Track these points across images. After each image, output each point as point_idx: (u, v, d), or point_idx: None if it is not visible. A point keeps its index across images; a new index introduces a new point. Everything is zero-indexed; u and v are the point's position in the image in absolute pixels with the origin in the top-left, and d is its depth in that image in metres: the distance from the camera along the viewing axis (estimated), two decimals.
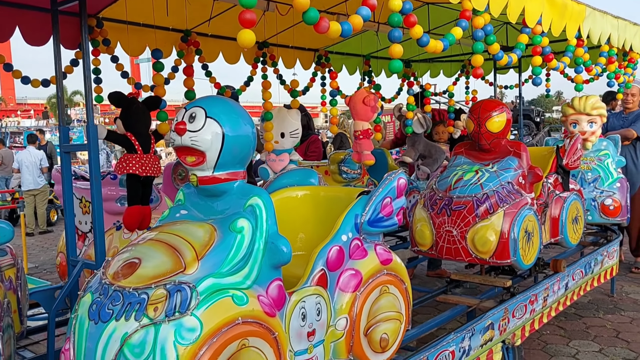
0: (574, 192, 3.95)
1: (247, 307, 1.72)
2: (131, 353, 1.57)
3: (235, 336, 1.65)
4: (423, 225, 3.36)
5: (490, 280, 3.56)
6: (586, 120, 4.64)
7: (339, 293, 2.12)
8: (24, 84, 3.53)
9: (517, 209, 3.15)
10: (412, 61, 5.89)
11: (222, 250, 1.76)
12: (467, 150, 3.62)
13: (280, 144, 3.57)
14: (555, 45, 4.41)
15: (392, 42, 2.18)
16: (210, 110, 1.85)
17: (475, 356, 3.02)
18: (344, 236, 2.18)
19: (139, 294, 1.65)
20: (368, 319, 2.19)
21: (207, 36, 4.19)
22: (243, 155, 1.94)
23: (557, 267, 3.83)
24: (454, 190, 3.30)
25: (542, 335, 4.42)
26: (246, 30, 1.74)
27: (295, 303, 1.93)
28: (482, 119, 3.37)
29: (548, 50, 3.17)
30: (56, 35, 2.63)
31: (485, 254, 3.13)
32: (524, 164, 3.37)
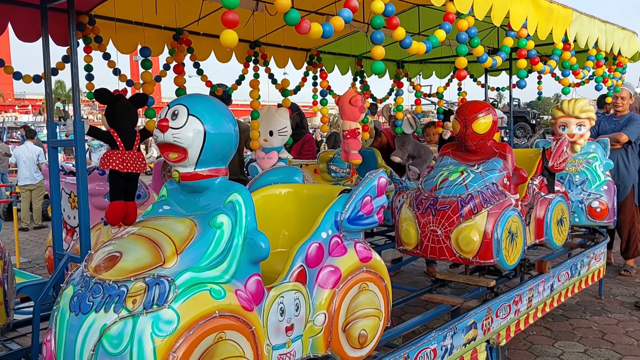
0: (560, 194, 3.97)
1: (224, 301, 1.75)
2: (109, 344, 1.60)
3: (212, 329, 1.69)
4: (409, 225, 3.40)
5: (474, 280, 3.59)
6: (575, 123, 4.65)
7: (317, 289, 2.15)
8: (16, 80, 3.57)
9: (501, 210, 3.18)
10: (404, 62, 5.93)
11: (202, 245, 1.80)
12: (453, 151, 3.66)
13: (269, 142, 3.61)
14: (544, 49, 4.47)
15: (374, 43, 2.22)
16: (192, 108, 1.90)
17: (459, 355, 3.05)
18: (324, 233, 2.22)
19: (119, 287, 1.69)
20: (347, 315, 2.23)
21: (199, 35, 4.22)
22: (225, 153, 1.98)
23: (542, 268, 3.86)
24: (439, 191, 3.34)
25: (528, 336, 4.45)
26: (229, 31, 1.78)
27: (273, 298, 1.96)
28: (468, 120, 3.40)
29: (534, 54, 3.21)
30: (45, 31, 2.66)
31: (469, 254, 3.16)
32: (509, 166, 3.39)
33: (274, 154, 3.59)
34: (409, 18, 4.16)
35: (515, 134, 21.12)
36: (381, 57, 2.22)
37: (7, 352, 2.77)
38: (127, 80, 3.85)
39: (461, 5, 2.50)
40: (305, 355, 2.14)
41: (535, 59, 3.25)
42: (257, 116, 3.63)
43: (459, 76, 2.97)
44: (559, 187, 4.03)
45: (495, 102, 28.41)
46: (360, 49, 5.32)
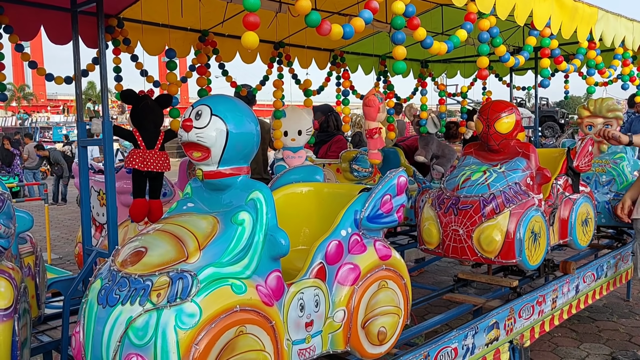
0: (584, 194, 3.91)
1: (245, 295, 1.80)
2: (135, 336, 1.66)
3: (233, 323, 1.74)
4: (430, 224, 3.40)
5: (496, 280, 3.57)
6: (602, 123, 4.56)
7: (337, 286, 2.19)
8: (48, 81, 3.69)
9: (524, 210, 3.16)
10: (428, 62, 5.92)
11: (224, 241, 1.85)
12: (476, 150, 3.64)
13: (297, 141, 3.67)
14: (570, 47, 4.42)
15: (396, 44, 2.23)
16: (215, 108, 1.95)
17: (481, 355, 3.04)
18: (343, 231, 2.24)
19: (144, 281, 1.75)
20: (366, 312, 2.25)
21: (224, 36, 4.29)
22: (247, 152, 2.03)
23: (566, 268, 3.82)
24: (462, 190, 3.32)
25: (553, 337, 4.41)
26: (250, 32, 1.82)
27: (293, 294, 2.00)
28: (491, 119, 3.38)
29: (557, 53, 3.17)
30: (75, 34, 2.75)
31: (491, 254, 3.15)
32: (532, 165, 3.36)
33: (302, 153, 3.65)
34: (433, 18, 4.16)
35: (543, 134, 20.81)
36: (402, 57, 2.24)
37: (39, 343, 2.87)
38: (154, 81, 3.94)
39: (483, 4, 2.50)
40: (325, 351, 2.17)
41: (559, 58, 3.21)
42: (280, 116, 3.68)
43: (480, 76, 2.97)
44: (583, 187, 3.97)
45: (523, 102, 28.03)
46: (384, 49, 5.33)
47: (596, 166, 4.66)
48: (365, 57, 5.45)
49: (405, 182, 2.41)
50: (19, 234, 2.73)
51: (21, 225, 2.68)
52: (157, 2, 3.57)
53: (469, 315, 3.41)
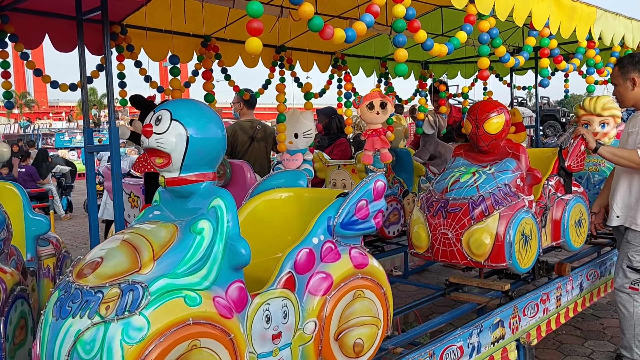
0: (577, 195, 3.81)
1: (199, 308, 1.72)
2: (83, 350, 1.61)
3: (185, 337, 1.66)
4: (419, 227, 3.33)
5: (488, 283, 3.49)
6: (598, 122, 4.51)
7: (308, 296, 2.09)
8: (53, 88, 3.74)
9: (514, 212, 3.10)
10: (429, 63, 5.96)
11: (180, 250, 1.78)
12: (466, 151, 3.57)
13: (294, 144, 3.68)
14: (570, 47, 4.44)
15: (397, 47, 2.27)
16: (175, 113, 1.89)
17: (488, 354, 3.05)
18: (315, 239, 2.16)
19: (95, 292, 1.68)
20: (339, 323, 2.16)
21: (226, 41, 4.33)
22: (211, 157, 1.96)
23: (561, 270, 3.75)
24: (450, 192, 3.25)
25: (557, 335, 4.43)
26: (253, 38, 1.86)
27: (258, 305, 1.93)
28: (480, 120, 3.31)
29: (557, 52, 3.20)
30: (81, 42, 2.79)
31: (480, 257, 3.08)
32: (522, 166, 3.30)
33: (299, 156, 3.67)
34: (432, 19, 4.19)
35: (544, 133, 20.80)
36: (404, 60, 2.27)
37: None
38: (157, 87, 3.99)
39: (482, 6, 2.53)
40: None
41: (558, 57, 3.25)
42: (283, 119, 3.72)
43: (481, 77, 2.99)
44: (576, 187, 3.88)
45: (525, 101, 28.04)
46: (384, 51, 5.37)
47: (590, 165, 4.59)
48: (366, 60, 5.49)
49: (383, 187, 2.30)
50: (37, 236, 2.80)
51: (38, 229, 2.77)
52: (160, 8, 3.61)
53: (474, 314, 3.43)
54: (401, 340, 2.92)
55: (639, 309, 3.54)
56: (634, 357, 3.58)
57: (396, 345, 2.79)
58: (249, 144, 5.06)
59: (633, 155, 3.42)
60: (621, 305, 3.63)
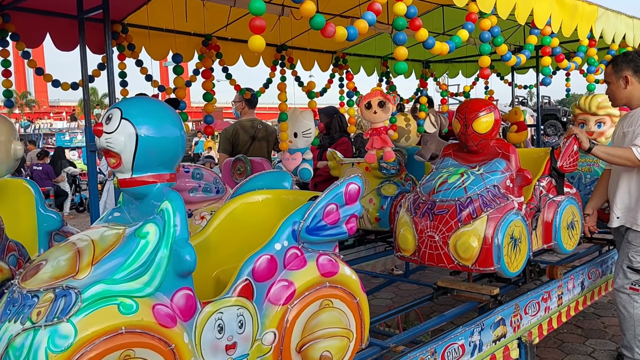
0: (570, 196, 3.66)
1: (134, 316, 1.63)
2: (13, 355, 1.56)
3: (117, 346, 1.58)
4: (406, 230, 3.21)
5: (476, 288, 3.37)
6: (594, 121, 4.39)
7: (267, 305, 1.98)
8: (54, 87, 3.74)
9: (502, 214, 2.98)
10: (430, 62, 5.96)
11: (121, 255, 1.71)
12: (455, 151, 3.45)
13: (294, 143, 3.68)
14: (571, 45, 4.44)
15: (397, 45, 2.27)
16: (126, 112, 1.82)
17: (490, 352, 3.05)
18: (278, 245, 2.04)
19: (32, 297, 1.63)
20: (303, 335, 2.04)
21: (227, 40, 4.33)
22: (167, 158, 1.88)
23: (553, 274, 3.64)
24: (437, 194, 3.14)
25: (558, 334, 4.43)
26: (256, 36, 1.86)
27: (209, 314, 1.84)
28: (468, 119, 3.20)
29: (558, 51, 3.20)
30: (82, 41, 2.79)
31: (468, 261, 2.97)
32: (512, 167, 3.18)
33: (298, 155, 3.67)
34: (434, 18, 4.20)
35: (545, 132, 20.81)
36: (404, 58, 2.27)
37: None
38: (159, 86, 3.99)
39: (484, 4, 2.54)
40: None
41: (560, 56, 3.24)
42: (285, 118, 3.72)
43: (482, 75, 2.99)
44: (569, 188, 3.73)
45: (525, 100, 28.05)
46: (386, 50, 5.37)
47: (583, 165, 4.48)
48: (367, 59, 5.49)
49: (357, 191, 2.17)
50: (50, 232, 2.86)
51: (49, 225, 2.81)
52: (161, 7, 3.62)
53: (474, 312, 3.43)
54: (402, 338, 2.91)
55: (639, 309, 3.51)
56: (634, 357, 3.56)
57: (397, 344, 2.79)
58: (250, 143, 5.06)
59: (628, 153, 3.35)
60: (621, 306, 3.60)
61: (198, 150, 21.32)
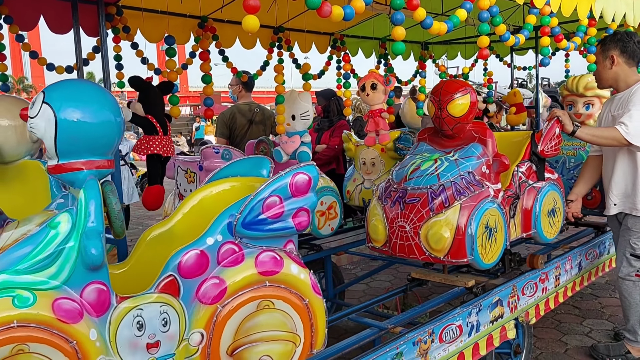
0: (551, 182, 3.45)
1: (29, 309, 1.56)
2: None
3: (7, 340, 1.52)
4: (377, 220, 3.05)
5: (451, 279, 3.25)
6: (582, 102, 4.23)
7: (196, 304, 1.86)
8: (49, 71, 3.71)
9: (476, 202, 2.83)
10: (428, 43, 5.91)
11: (28, 245, 1.64)
12: (430, 136, 3.26)
13: (292, 126, 3.65)
14: (570, 26, 4.40)
15: (395, 24, 2.24)
16: (48, 95, 1.73)
17: (487, 332, 3.08)
18: (211, 239, 1.90)
19: None
20: (235, 337, 1.91)
21: (224, 22, 4.29)
22: (95, 144, 1.77)
23: (534, 263, 3.50)
24: (409, 181, 2.97)
25: (556, 314, 4.47)
26: (250, 16, 1.83)
27: (126, 310, 1.75)
28: (443, 101, 3.02)
29: (557, 31, 3.16)
30: (76, 23, 2.76)
31: (440, 252, 2.82)
32: (489, 152, 3.03)
33: (297, 138, 3.64)
34: None
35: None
36: (401, 38, 2.24)
37: None
38: (154, 69, 3.96)
39: None
40: None
41: (559, 36, 3.21)
42: (282, 100, 3.69)
43: (481, 55, 2.94)
44: (550, 173, 3.53)
45: (525, 82, 27.92)
46: (384, 32, 5.32)
47: (568, 149, 4.31)
48: (365, 40, 5.44)
49: (305, 182, 1.97)
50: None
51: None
52: None
53: (471, 295, 3.45)
54: (401, 319, 2.94)
55: None
56: (638, 339, 3.56)
57: (396, 325, 2.82)
58: (248, 127, 5.04)
59: (614, 132, 3.24)
60: (626, 294, 3.53)
61: (199, 136, 20.41)
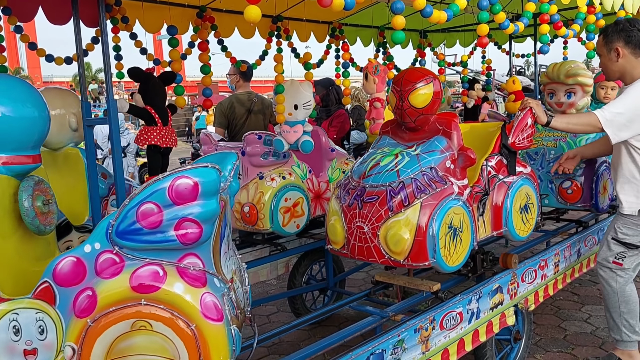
0: (523, 176, 3.20)
1: None
2: None
3: None
4: (336, 220, 2.85)
5: (416, 282, 3.06)
6: (563, 90, 3.93)
7: (71, 315, 1.74)
8: (48, 62, 3.70)
9: (439, 200, 2.62)
10: (427, 31, 5.90)
11: None
12: (393, 129, 3.03)
13: (294, 115, 3.66)
14: (569, 13, 4.39)
15: (395, 13, 2.24)
16: None
17: (487, 319, 3.11)
18: (88, 246, 1.75)
19: None
20: (109, 356, 1.75)
21: (222, 12, 4.28)
22: (10, 139, 1.77)
23: (507, 262, 3.29)
24: (368, 178, 2.76)
25: (555, 301, 4.50)
26: (252, 6, 1.83)
27: (2, 313, 1.69)
28: (404, 91, 2.81)
29: (557, 18, 3.16)
30: (76, 14, 2.75)
31: (399, 255, 2.61)
32: (453, 145, 2.82)
33: (299, 128, 3.65)
34: None
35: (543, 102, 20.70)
36: (401, 27, 2.25)
37: None
38: (154, 59, 3.95)
39: None
40: None
41: (558, 23, 3.21)
42: (281, 90, 3.70)
43: (480, 43, 2.94)
44: (522, 167, 3.28)
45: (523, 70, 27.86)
46: (382, 20, 5.31)
47: (548, 140, 4.05)
48: (364, 29, 5.43)
49: (189, 187, 1.72)
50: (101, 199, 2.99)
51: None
52: None
53: (472, 282, 3.48)
54: (401, 307, 2.97)
55: (623, 284, 3.27)
56: (622, 337, 3.33)
57: (397, 312, 2.84)
58: (247, 117, 5.04)
59: (591, 118, 3.08)
60: (604, 282, 3.37)
61: (200, 126, 20.11)
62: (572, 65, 3.90)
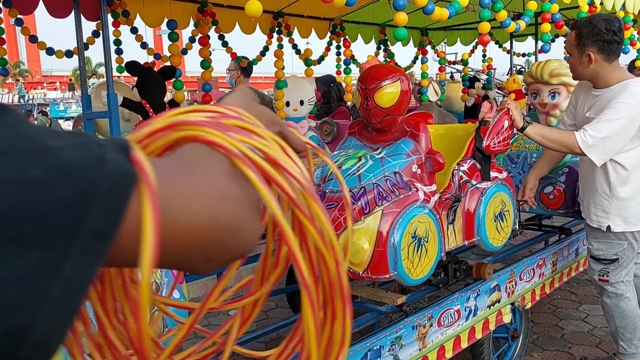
0: (498, 182, 2.96)
1: None
2: None
3: None
4: None
5: (380, 294, 2.82)
6: (547, 91, 3.67)
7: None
8: (48, 55, 3.70)
9: (401, 208, 2.41)
10: (428, 29, 5.90)
11: None
12: (360, 130, 2.82)
13: (299, 111, 3.66)
14: (571, 12, 4.39)
15: (397, 10, 2.24)
16: None
17: (484, 317, 3.12)
18: None
19: None
20: None
21: (223, 7, 4.27)
22: None
23: (480, 272, 3.09)
24: (328, 183, 2.54)
25: (552, 300, 4.51)
26: (253, 1, 1.84)
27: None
28: (369, 89, 2.59)
29: (558, 17, 3.17)
30: (77, 7, 2.75)
31: (359, 267, 2.39)
32: (421, 148, 2.62)
33: (305, 123, 3.65)
34: None
35: None
36: (404, 24, 2.25)
37: None
38: (154, 54, 3.95)
39: None
40: None
41: (559, 22, 3.21)
42: (282, 86, 3.70)
43: (482, 42, 2.95)
44: (498, 172, 3.02)
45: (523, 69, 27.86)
46: (384, 17, 5.31)
47: (531, 142, 3.77)
48: (365, 26, 5.43)
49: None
50: None
51: None
52: None
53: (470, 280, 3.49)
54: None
55: (616, 299, 3.16)
56: (619, 350, 3.27)
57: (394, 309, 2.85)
58: None
59: (569, 138, 2.83)
60: (600, 296, 3.31)
61: None
62: (556, 64, 3.67)
